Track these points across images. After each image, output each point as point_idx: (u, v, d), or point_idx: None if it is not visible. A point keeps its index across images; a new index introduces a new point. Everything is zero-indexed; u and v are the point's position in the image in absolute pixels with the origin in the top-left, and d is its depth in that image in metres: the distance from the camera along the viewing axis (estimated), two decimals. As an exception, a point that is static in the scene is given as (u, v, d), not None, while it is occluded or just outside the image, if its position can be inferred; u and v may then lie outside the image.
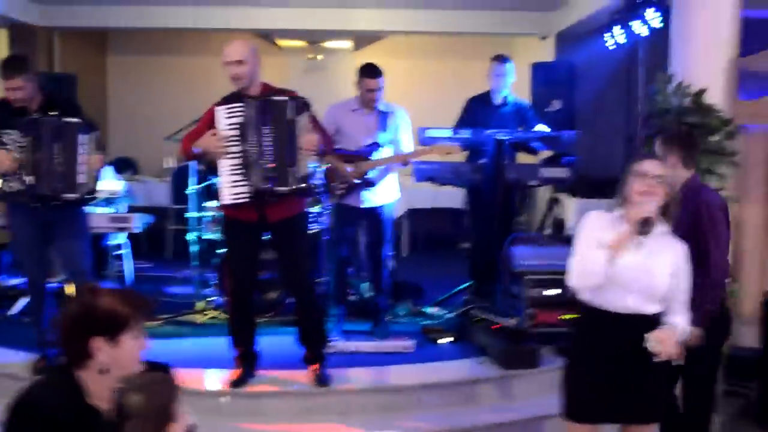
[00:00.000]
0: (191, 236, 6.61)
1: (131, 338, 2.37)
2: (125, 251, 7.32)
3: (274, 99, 4.47)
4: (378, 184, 5.58)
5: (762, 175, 5.64)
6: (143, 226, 7.05)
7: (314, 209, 6.19)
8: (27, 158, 4.65)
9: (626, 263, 3.28)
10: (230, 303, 4.75)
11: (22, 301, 6.26)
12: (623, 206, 3.35)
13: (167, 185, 9.39)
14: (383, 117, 5.60)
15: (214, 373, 4.95)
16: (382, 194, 5.67)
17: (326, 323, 5.04)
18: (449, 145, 5.46)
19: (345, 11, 8.67)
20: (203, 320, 6.07)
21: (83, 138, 4.75)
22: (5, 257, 7.61)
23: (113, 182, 7.18)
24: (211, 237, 6.52)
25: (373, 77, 5.52)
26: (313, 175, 4.58)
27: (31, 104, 4.77)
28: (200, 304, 6.24)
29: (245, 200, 4.43)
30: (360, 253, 6.26)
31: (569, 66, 8.14)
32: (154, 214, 7.93)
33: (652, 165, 3.36)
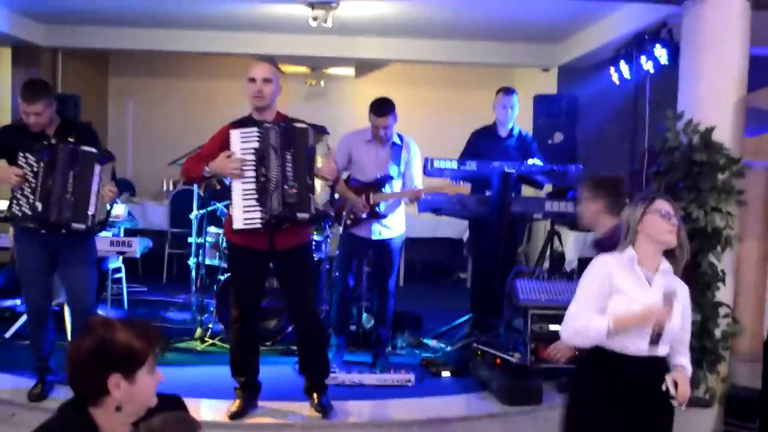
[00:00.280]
0: (192, 261, 6.54)
1: (147, 373, 2.31)
2: (121, 275, 7.24)
3: (297, 125, 4.44)
4: (387, 217, 5.54)
5: (761, 212, 5.61)
6: (143, 251, 6.98)
7: (315, 237, 6.14)
8: (39, 183, 4.56)
9: (643, 304, 3.21)
10: (233, 331, 4.67)
11: (18, 324, 6.18)
12: (633, 245, 3.30)
13: (165, 208, 9.32)
14: (396, 150, 5.58)
15: (214, 404, 4.86)
16: (392, 227, 5.64)
17: (328, 353, 4.96)
18: (459, 186, 5.46)
19: (348, 38, 8.66)
20: (202, 348, 5.99)
21: (98, 168, 4.65)
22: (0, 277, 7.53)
23: (116, 206, 7.11)
24: (212, 263, 6.45)
25: (382, 115, 5.49)
26: (331, 203, 4.51)
27: (49, 128, 4.71)
28: (199, 331, 6.15)
29: (257, 226, 4.37)
30: (362, 284, 6.20)
31: (571, 99, 8.17)
32: (151, 237, 7.85)
33: (668, 203, 3.32)
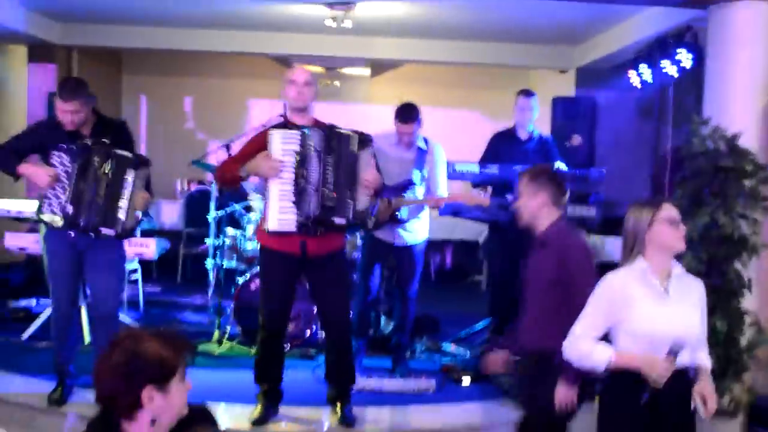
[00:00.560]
0: (209, 263, 6.50)
1: (178, 382, 2.27)
2: (137, 276, 7.20)
3: (341, 131, 4.40)
4: (408, 222, 5.49)
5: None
6: (160, 252, 6.93)
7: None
8: (71, 185, 4.48)
9: (660, 322, 3.13)
10: (260, 338, 4.60)
11: (35, 325, 6.15)
12: (643, 254, 3.20)
13: (178, 208, 9.29)
14: (420, 154, 5.51)
15: (233, 408, 4.81)
16: (416, 232, 5.58)
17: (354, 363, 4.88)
18: (479, 198, 5.41)
19: (364, 39, 8.60)
20: (220, 351, 5.94)
21: (132, 174, 4.56)
22: (15, 277, 7.51)
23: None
24: (230, 265, 6.41)
25: (406, 122, 5.43)
26: (371, 211, 4.45)
27: (84, 127, 4.62)
28: (217, 334, 6.11)
29: (292, 229, 4.30)
30: (381, 288, 6.15)
31: (590, 101, 8.11)
32: (165, 238, 7.82)
33: (674, 207, 3.23)
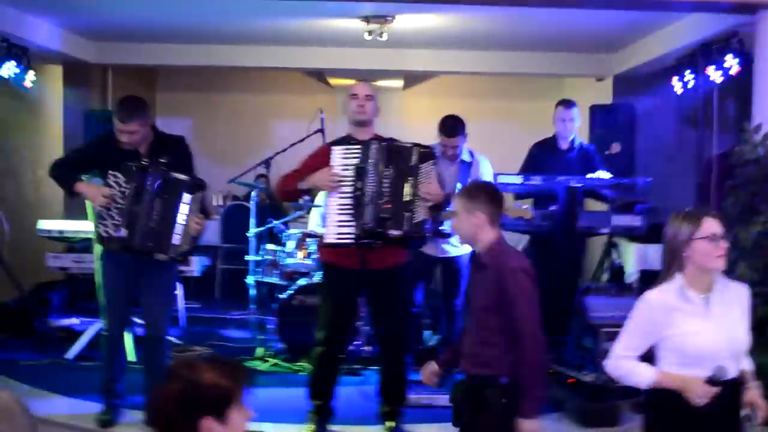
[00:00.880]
0: (250, 279, 6.48)
1: (238, 411, 2.21)
2: (179, 293, 7.19)
3: (401, 144, 4.39)
4: (453, 235, 5.43)
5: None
6: (201, 269, 6.93)
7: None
8: (126, 206, 4.44)
9: (704, 339, 3.06)
10: (317, 353, 4.56)
11: (80, 344, 6.15)
12: (682, 270, 3.11)
13: (215, 223, 9.29)
14: (465, 167, 5.48)
15: (283, 428, 4.77)
16: (460, 244, 5.51)
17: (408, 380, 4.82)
18: (523, 210, 5.35)
19: (398, 51, 8.56)
20: (265, 368, 5.90)
21: (188, 198, 4.49)
22: (56, 298, 7.53)
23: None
24: (271, 280, 6.38)
25: (452, 136, 5.40)
26: (427, 226, 4.40)
27: (142, 144, 4.58)
28: (261, 351, 6.07)
29: (350, 241, 4.27)
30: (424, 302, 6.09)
31: (629, 108, 8.00)
32: (203, 254, 7.81)
33: (716, 221, 3.11)
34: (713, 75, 6.13)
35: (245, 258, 6.56)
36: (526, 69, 8.95)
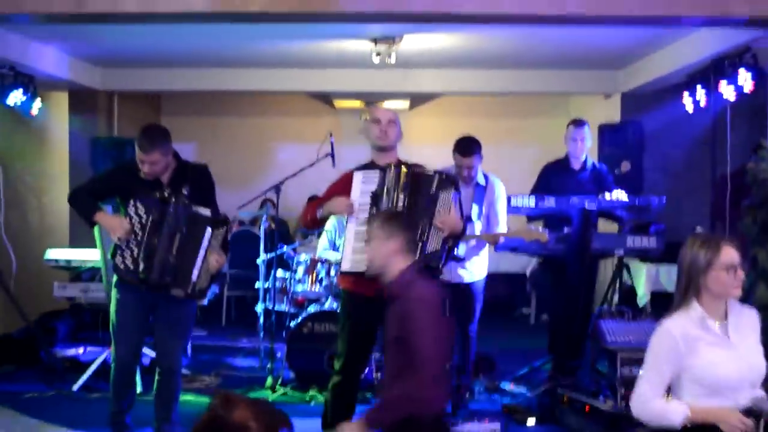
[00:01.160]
0: (259, 307, 6.38)
1: None
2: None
3: (420, 170, 4.29)
4: (468, 260, 5.33)
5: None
6: (210, 297, 6.83)
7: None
8: (144, 239, 4.32)
9: (726, 368, 3.02)
10: (332, 383, 4.44)
11: (86, 375, 6.05)
12: (698, 298, 3.06)
13: (221, 249, 9.19)
14: (479, 190, 5.39)
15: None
16: (474, 270, 5.43)
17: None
18: (539, 233, 5.25)
19: (404, 71, 8.50)
20: (274, 397, 5.79)
21: (209, 233, 4.36)
22: (62, 327, 7.43)
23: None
24: (280, 308, 6.28)
25: (466, 155, 5.32)
26: (441, 255, 4.26)
27: (164, 174, 4.45)
28: (270, 380, 5.96)
29: (363, 269, 4.12)
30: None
31: (638, 126, 7.91)
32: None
33: (734, 249, 3.08)
34: (726, 91, 6.04)
35: (255, 285, 6.46)
36: (533, 87, 8.88)
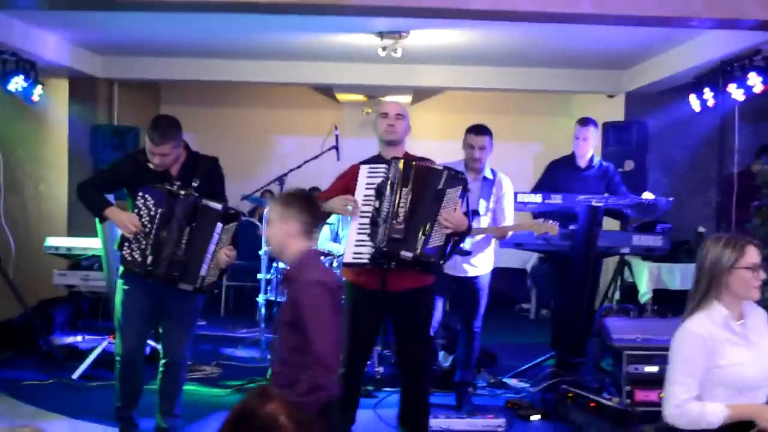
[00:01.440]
0: (260, 298, 6.34)
1: None
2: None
3: (427, 165, 4.24)
4: (473, 255, 5.31)
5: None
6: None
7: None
8: (153, 231, 4.25)
9: (750, 368, 3.02)
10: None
11: (86, 364, 6.00)
12: (718, 298, 3.05)
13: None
14: (487, 185, 5.36)
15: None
16: (480, 264, 5.40)
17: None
18: (549, 226, 5.22)
19: (407, 66, 8.46)
20: (276, 389, 5.76)
21: (219, 227, 4.29)
22: (60, 315, 7.38)
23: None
24: (282, 299, 6.25)
25: (479, 134, 5.34)
26: (444, 252, 4.20)
27: (174, 165, 4.38)
28: (271, 371, 5.92)
29: (365, 261, 4.14)
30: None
31: (642, 126, 7.90)
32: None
33: (757, 250, 3.07)
34: (735, 93, 6.04)
35: (256, 276, 6.42)
36: (538, 85, 8.86)
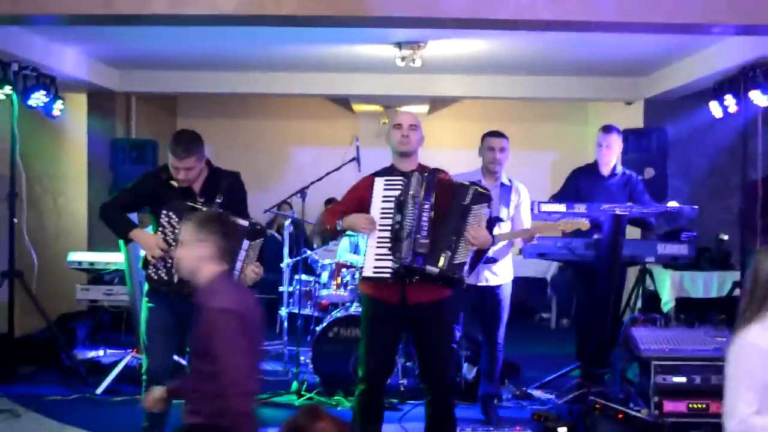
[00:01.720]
0: (283, 311, 6.33)
1: None
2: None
3: (453, 181, 4.23)
4: (497, 262, 5.28)
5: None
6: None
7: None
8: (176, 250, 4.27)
9: None
10: (357, 392, 4.37)
11: (110, 378, 6.00)
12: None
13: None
14: (505, 191, 5.35)
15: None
16: (501, 273, 5.38)
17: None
18: (580, 221, 5.18)
19: (426, 76, 8.45)
20: (300, 402, 5.74)
21: (246, 244, 4.24)
22: (81, 329, 7.39)
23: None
24: (304, 312, 6.24)
25: (498, 136, 5.37)
26: (467, 269, 4.17)
27: (195, 183, 4.37)
28: (296, 384, 5.91)
29: (387, 276, 4.11)
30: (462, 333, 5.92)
31: (662, 132, 7.86)
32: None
33: None
34: (758, 99, 6.00)
35: (277, 289, 6.41)
36: (555, 93, 8.83)
